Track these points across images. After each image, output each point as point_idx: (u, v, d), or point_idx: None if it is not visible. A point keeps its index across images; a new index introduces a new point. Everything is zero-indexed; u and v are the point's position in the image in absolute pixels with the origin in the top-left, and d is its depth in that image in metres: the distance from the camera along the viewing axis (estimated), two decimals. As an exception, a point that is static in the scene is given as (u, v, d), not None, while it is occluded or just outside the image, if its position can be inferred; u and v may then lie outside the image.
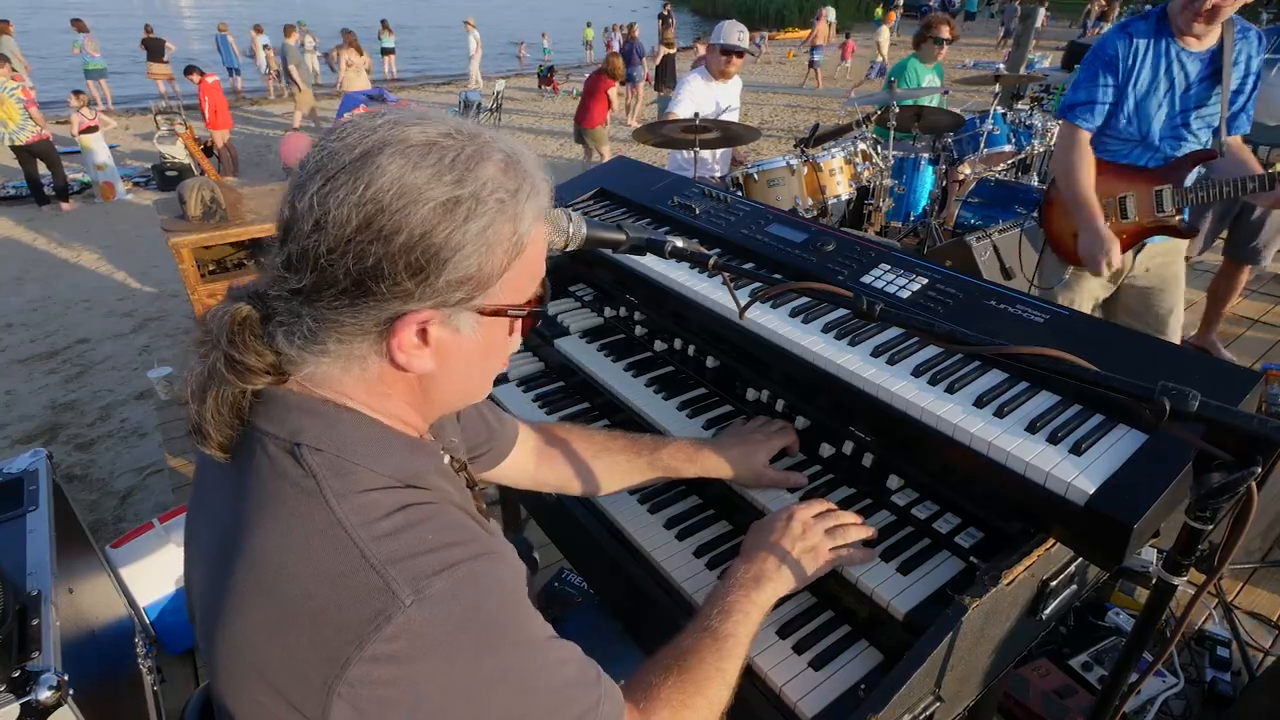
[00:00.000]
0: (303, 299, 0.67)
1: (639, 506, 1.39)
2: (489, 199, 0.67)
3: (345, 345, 0.69)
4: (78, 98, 8.89)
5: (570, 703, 0.72)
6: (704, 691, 0.88)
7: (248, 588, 0.65)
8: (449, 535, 0.68)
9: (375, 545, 0.64)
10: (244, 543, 0.66)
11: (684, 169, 4.40)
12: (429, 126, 0.67)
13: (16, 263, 6.95)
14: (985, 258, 3.83)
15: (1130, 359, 1.15)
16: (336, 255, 0.64)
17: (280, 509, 0.66)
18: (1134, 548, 0.95)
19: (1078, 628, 2.23)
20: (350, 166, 0.64)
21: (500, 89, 13.27)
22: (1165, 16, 2.35)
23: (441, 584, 0.64)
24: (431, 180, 0.64)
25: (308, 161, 0.68)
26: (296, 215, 0.66)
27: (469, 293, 0.69)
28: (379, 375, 0.72)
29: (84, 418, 4.31)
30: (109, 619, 2.02)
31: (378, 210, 0.63)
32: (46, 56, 17.37)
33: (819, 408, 1.41)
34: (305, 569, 0.64)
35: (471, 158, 0.67)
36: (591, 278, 2.03)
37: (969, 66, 13.53)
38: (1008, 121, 5.17)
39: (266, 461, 0.69)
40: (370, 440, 0.71)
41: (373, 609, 0.61)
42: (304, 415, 0.70)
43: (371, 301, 0.66)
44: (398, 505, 0.68)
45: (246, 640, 0.65)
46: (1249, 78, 2.38)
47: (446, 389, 0.77)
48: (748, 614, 0.99)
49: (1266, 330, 4.37)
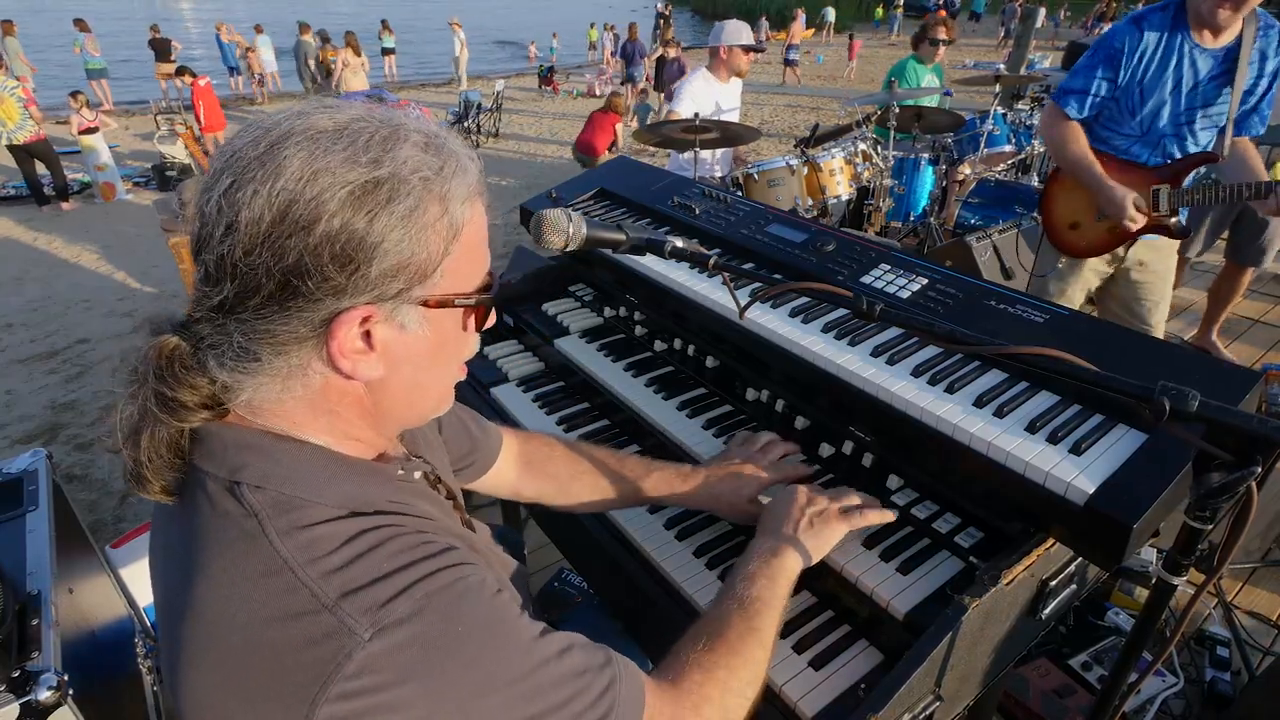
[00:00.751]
0: (228, 313, 0.63)
1: (639, 507, 1.39)
2: (411, 178, 0.63)
3: (282, 358, 0.64)
4: (76, 99, 8.88)
5: (581, 692, 0.69)
6: (738, 651, 0.87)
7: (200, 643, 0.62)
8: (406, 557, 0.64)
9: (324, 582, 0.60)
10: (191, 593, 0.62)
11: (684, 169, 4.40)
12: (337, 113, 0.64)
13: (16, 263, 6.95)
14: (985, 258, 3.83)
15: (1130, 359, 1.15)
16: (255, 256, 0.60)
17: (224, 553, 0.63)
18: (1134, 547, 0.95)
19: (1077, 627, 2.23)
20: (257, 161, 0.60)
21: (500, 89, 13.25)
22: (1183, 9, 2.27)
23: (403, 606, 0.61)
24: (345, 164, 0.61)
25: (213, 164, 0.64)
26: (206, 221, 0.61)
27: (407, 282, 0.65)
28: (323, 390, 0.68)
29: (84, 418, 4.31)
30: (109, 619, 2.02)
31: (290, 201, 0.59)
32: (45, 55, 17.35)
33: (819, 408, 1.41)
34: (255, 614, 0.60)
35: (387, 139, 0.63)
36: (591, 278, 2.03)
37: (969, 66, 13.52)
38: (1008, 122, 5.18)
39: (207, 503, 0.65)
40: (314, 471, 0.67)
41: (330, 649, 0.58)
42: (242, 451, 0.66)
43: (301, 302, 0.61)
44: (348, 536, 0.64)
45: (207, 695, 0.62)
46: (1264, 78, 2.29)
47: (400, 398, 0.72)
48: (772, 579, 0.98)
49: (1266, 330, 4.37)
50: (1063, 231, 2.67)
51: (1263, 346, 4.19)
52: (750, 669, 0.86)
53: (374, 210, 0.61)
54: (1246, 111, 2.35)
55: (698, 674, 0.82)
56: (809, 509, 1.09)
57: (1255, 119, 2.37)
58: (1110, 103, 2.44)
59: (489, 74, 18.76)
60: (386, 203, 0.62)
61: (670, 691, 0.80)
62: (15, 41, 12.70)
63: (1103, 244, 2.58)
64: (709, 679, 0.82)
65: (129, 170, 10.03)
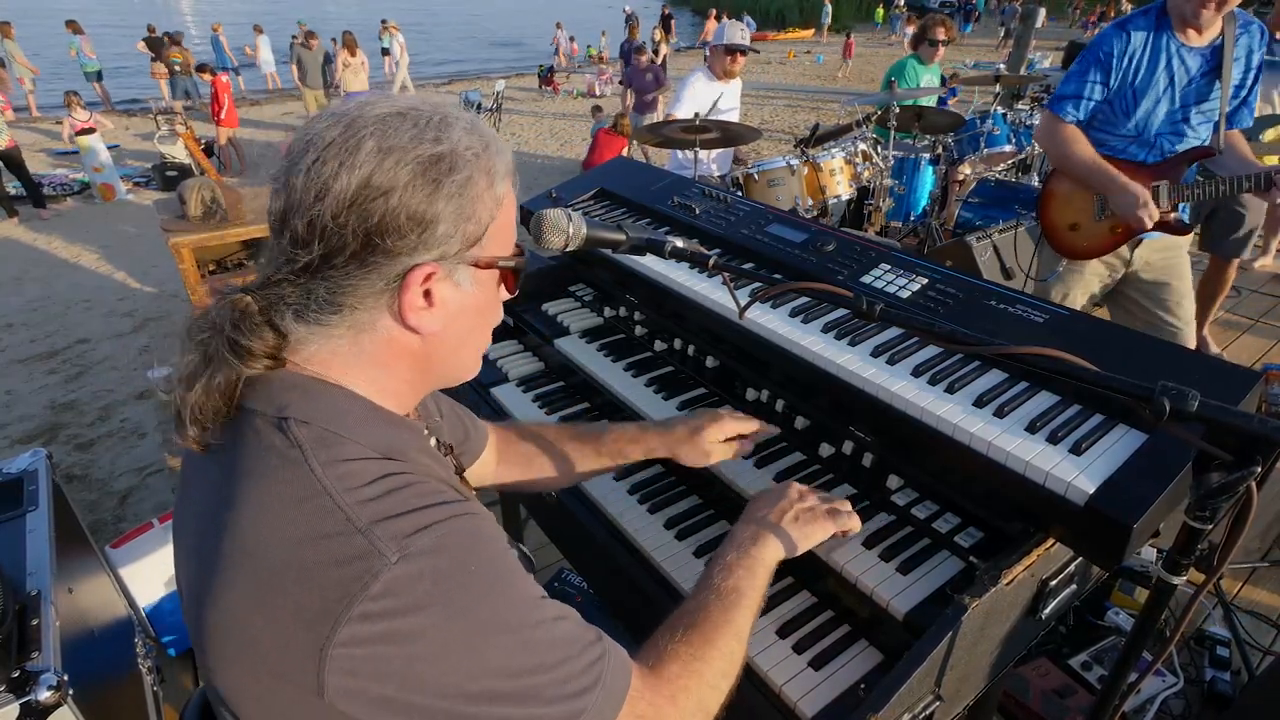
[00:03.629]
0: (313, 272, 0.71)
1: (639, 506, 1.39)
2: (465, 153, 0.73)
3: (358, 312, 0.73)
4: (70, 100, 8.86)
5: (572, 658, 0.71)
6: (713, 643, 0.88)
7: (233, 559, 0.66)
8: (430, 499, 0.70)
9: (359, 509, 0.65)
10: (229, 516, 0.67)
11: (684, 169, 4.40)
12: (394, 102, 0.74)
13: (16, 263, 6.94)
14: (985, 258, 3.83)
15: (1130, 359, 1.15)
16: (343, 218, 0.69)
17: (265, 479, 0.68)
18: (1134, 547, 0.95)
19: (1077, 627, 2.23)
20: (338, 140, 0.70)
21: (500, 89, 13.24)
22: (1165, 12, 2.34)
23: (426, 539, 0.65)
24: (413, 140, 0.71)
25: (294, 148, 0.72)
26: (295, 192, 0.70)
27: (464, 243, 0.74)
28: (387, 343, 0.76)
29: (84, 418, 4.31)
30: (109, 619, 2.02)
31: (372, 170, 0.69)
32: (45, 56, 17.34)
33: (819, 408, 1.41)
34: (290, 534, 0.64)
35: (441, 122, 0.73)
36: (591, 278, 2.03)
37: (969, 66, 13.51)
38: (1008, 121, 5.17)
39: (254, 436, 0.71)
40: (355, 414, 0.74)
41: (358, 569, 0.62)
42: (291, 391, 0.72)
43: (379, 258, 0.70)
44: (380, 473, 0.70)
45: (234, 615, 0.65)
46: (1250, 72, 2.36)
47: (448, 354, 0.81)
48: (750, 569, 0.99)
49: (1266, 330, 4.37)
50: (1062, 233, 2.67)
51: (1263, 347, 4.19)
52: (724, 661, 0.88)
53: (439, 179, 0.71)
54: (1236, 106, 2.41)
55: (675, 665, 0.84)
56: (797, 503, 1.09)
57: (1245, 111, 2.43)
58: (1104, 106, 2.47)
59: (491, 74, 18.75)
60: (449, 172, 0.72)
61: (650, 679, 0.82)
62: (14, 44, 12.69)
63: (1104, 244, 2.57)
64: (685, 670, 0.84)
65: (129, 170, 10.03)
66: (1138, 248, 2.62)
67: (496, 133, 0.80)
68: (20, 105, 13.06)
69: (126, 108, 14.78)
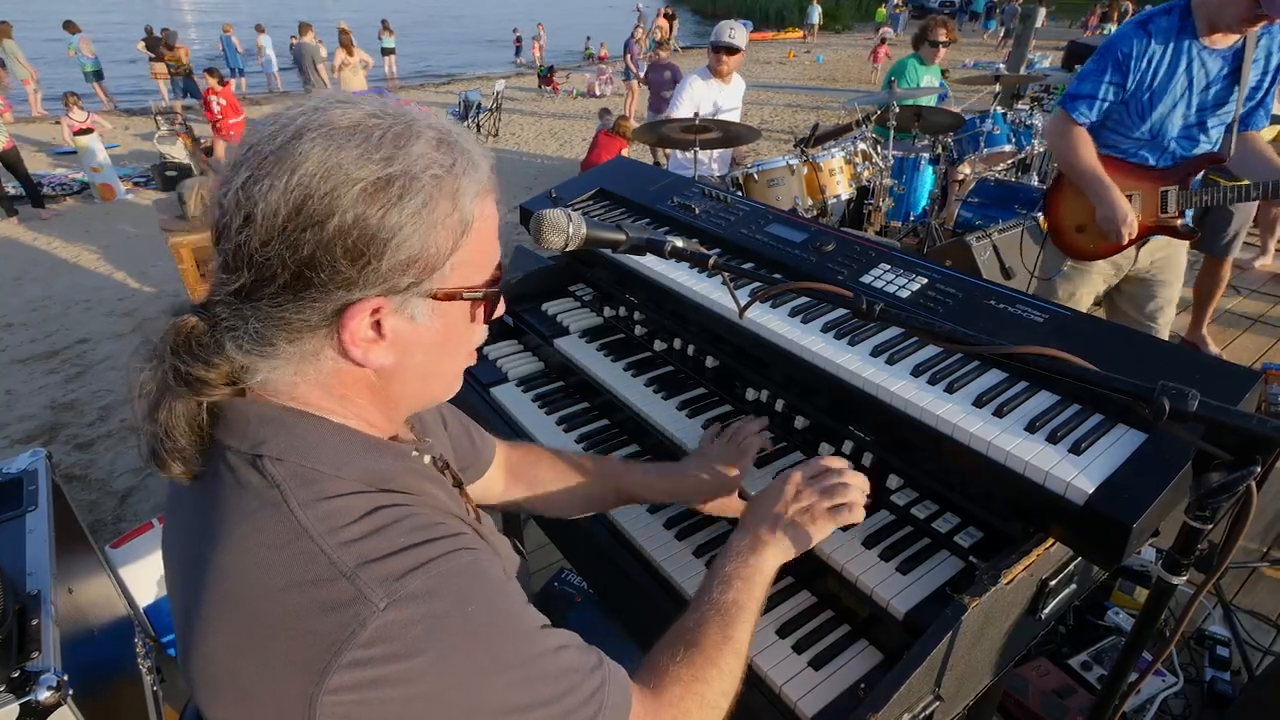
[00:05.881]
0: (244, 299, 0.65)
1: (639, 506, 1.39)
2: (423, 175, 0.65)
3: (295, 345, 0.67)
4: (67, 101, 8.86)
5: (572, 689, 0.70)
6: (715, 662, 0.87)
7: (217, 607, 0.63)
8: (422, 535, 0.66)
9: (343, 551, 0.62)
10: (211, 556, 0.64)
11: (684, 169, 4.40)
12: (352, 109, 0.65)
13: (16, 263, 6.95)
14: (985, 257, 3.83)
15: (1130, 359, 1.15)
16: (271, 248, 0.62)
17: (245, 522, 0.64)
18: (1133, 547, 0.95)
19: (1077, 627, 2.23)
20: (273, 156, 0.62)
21: (500, 89, 13.23)
22: (1189, 12, 2.26)
23: (417, 582, 0.62)
24: (359, 160, 0.62)
25: (233, 157, 0.66)
26: (225, 212, 0.64)
27: (417, 276, 0.67)
28: (335, 375, 0.70)
29: (84, 418, 4.31)
30: (109, 619, 2.02)
31: (305, 196, 0.61)
32: (45, 57, 17.33)
33: (819, 408, 1.41)
34: (275, 581, 0.61)
35: (400, 135, 0.65)
36: (591, 278, 2.03)
37: (969, 66, 13.50)
38: (1008, 121, 5.18)
39: (229, 475, 0.67)
40: (333, 445, 0.69)
41: (346, 616, 0.59)
42: (264, 425, 0.68)
43: (314, 293, 0.64)
44: (367, 509, 0.66)
45: (222, 663, 0.63)
46: (1268, 74, 2.32)
47: (410, 384, 0.75)
48: (748, 580, 0.97)
49: (1266, 330, 4.37)
50: (1069, 234, 2.66)
51: (1262, 346, 4.19)
52: (725, 680, 0.87)
53: (385, 207, 0.63)
54: (1252, 108, 2.37)
55: (677, 688, 0.83)
56: (794, 504, 1.06)
57: (1260, 113, 2.39)
58: (1118, 107, 2.43)
59: (491, 74, 18.74)
60: (398, 199, 0.63)
61: (650, 702, 0.80)
62: (14, 44, 12.68)
63: (1110, 246, 2.55)
64: (687, 693, 0.83)
65: (129, 170, 10.02)
66: (1143, 248, 2.62)
67: (480, 143, 0.73)
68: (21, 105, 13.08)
69: (128, 107, 14.77)
